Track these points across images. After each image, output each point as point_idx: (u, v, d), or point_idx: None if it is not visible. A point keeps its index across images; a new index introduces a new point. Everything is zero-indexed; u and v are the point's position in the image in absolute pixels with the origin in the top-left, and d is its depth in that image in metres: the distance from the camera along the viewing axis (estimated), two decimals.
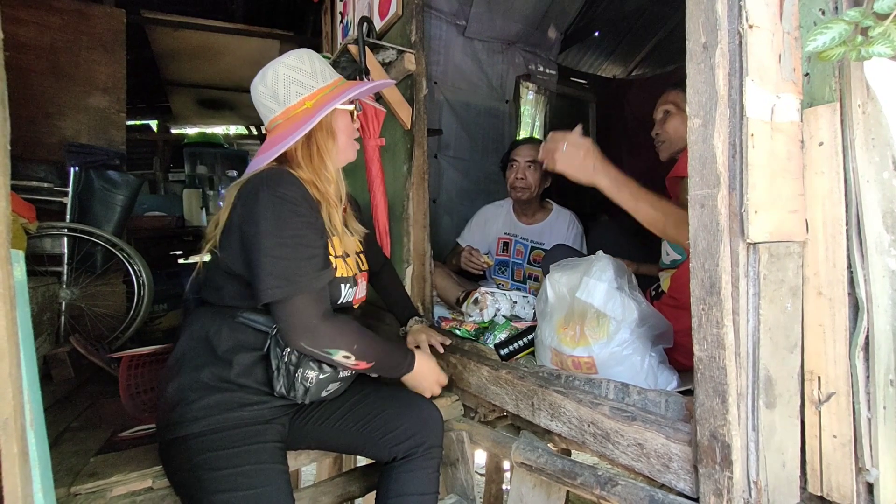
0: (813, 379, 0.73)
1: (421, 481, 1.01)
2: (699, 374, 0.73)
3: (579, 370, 1.08)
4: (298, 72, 0.96)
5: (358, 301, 1.08)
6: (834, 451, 0.70)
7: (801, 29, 0.74)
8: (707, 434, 0.72)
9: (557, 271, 1.18)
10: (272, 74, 0.96)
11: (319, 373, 0.93)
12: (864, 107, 0.72)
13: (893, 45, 0.61)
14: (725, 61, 0.69)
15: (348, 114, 1.03)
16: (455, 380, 1.35)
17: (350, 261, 1.05)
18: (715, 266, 0.70)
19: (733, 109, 0.70)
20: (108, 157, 2.38)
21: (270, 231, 0.86)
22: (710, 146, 0.70)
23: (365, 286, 1.12)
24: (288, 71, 0.96)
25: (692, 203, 0.74)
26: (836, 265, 0.71)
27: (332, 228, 0.97)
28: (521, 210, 2.01)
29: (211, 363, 0.90)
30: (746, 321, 0.70)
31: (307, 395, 0.93)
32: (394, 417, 1.04)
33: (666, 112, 1.40)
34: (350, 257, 1.05)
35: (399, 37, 1.69)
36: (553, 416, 1.03)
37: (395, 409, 1.06)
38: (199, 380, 0.89)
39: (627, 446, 0.86)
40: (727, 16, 0.69)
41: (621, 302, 1.05)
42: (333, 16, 2.54)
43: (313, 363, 0.92)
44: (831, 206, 0.71)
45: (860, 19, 0.62)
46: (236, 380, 0.90)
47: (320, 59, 1.01)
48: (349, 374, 1.01)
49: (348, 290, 1.02)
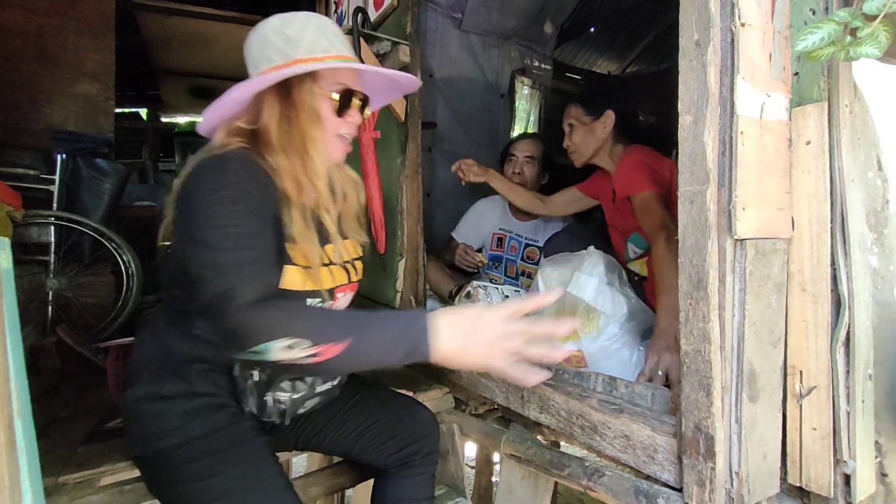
0: (795, 373, 0.75)
1: (418, 487, 0.99)
2: (685, 367, 0.75)
3: (569, 364, 1.09)
4: (279, 35, 0.82)
5: None
6: (813, 443, 0.72)
7: (791, 28, 0.75)
8: (692, 426, 0.74)
9: (549, 266, 1.19)
10: (255, 34, 0.85)
11: (293, 393, 0.84)
12: (851, 107, 0.73)
13: (881, 47, 0.62)
14: (717, 59, 0.70)
15: (330, 103, 0.85)
16: (446, 372, 1.36)
17: (335, 270, 0.88)
18: (703, 262, 0.71)
19: (724, 107, 0.70)
20: (95, 144, 2.34)
21: (201, 221, 0.71)
22: (701, 143, 0.71)
23: (350, 299, 0.95)
24: (268, 32, 0.83)
25: (682, 199, 0.75)
26: (820, 262, 0.72)
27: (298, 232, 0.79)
28: (516, 206, 2.02)
29: (171, 377, 0.82)
30: (732, 316, 0.71)
31: (285, 416, 0.86)
32: (390, 426, 0.99)
33: (570, 125, 1.55)
34: (335, 266, 0.88)
35: (394, 28, 1.68)
36: (542, 409, 1.04)
37: (390, 417, 1.00)
38: (161, 393, 0.81)
39: (614, 438, 0.87)
40: (720, 13, 0.69)
41: (611, 297, 1.07)
42: (327, 5, 2.51)
43: (287, 383, 0.83)
44: (817, 204, 0.72)
45: (849, 20, 0.63)
46: (202, 390, 0.82)
47: (322, 27, 0.85)
48: (330, 385, 0.91)
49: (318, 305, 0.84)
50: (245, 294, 0.66)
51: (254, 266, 0.70)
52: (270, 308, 0.67)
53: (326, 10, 2.53)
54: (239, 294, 0.66)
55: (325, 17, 0.90)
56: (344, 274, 0.90)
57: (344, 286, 0.89)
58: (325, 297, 0.83)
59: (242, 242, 0.71)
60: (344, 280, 0.89)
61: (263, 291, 0.69)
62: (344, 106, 0.86)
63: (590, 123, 1.50)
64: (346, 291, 0.91)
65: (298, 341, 0.64)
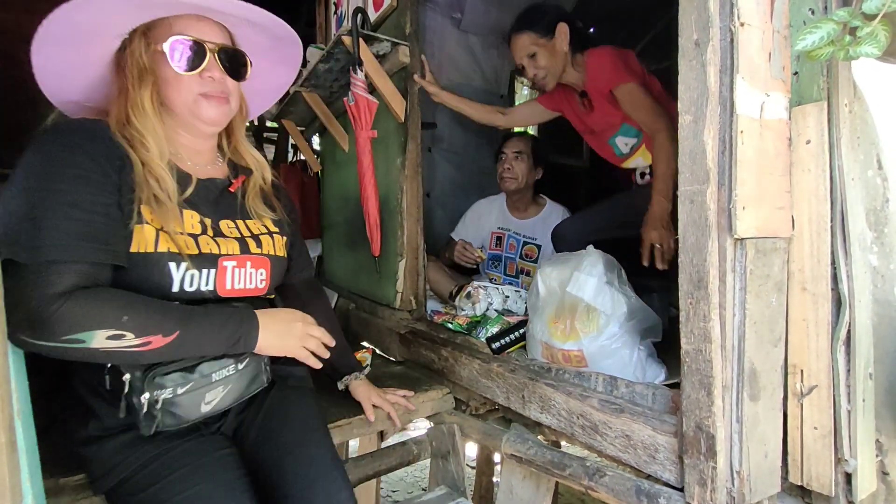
0: (796, 372, 0.75)
1: None
2: (686, 366, 0.75)
3: (570, 364, 1.09)
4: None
5: (236, 292, 0.82)
6: (814, 442, 0.72)
7: (790, 28, 0.75)
8: (693, 425, 0.74)
9: (548, 266, 1.19)
10: None
11: (176, 387, 0.72)
12: (850, 106, 0.73)
13: (880, 46, 0.62)
14: (717, 58, 0.70)
15: (166, 57, 0.76)
16: (446, 373, 1.36)
17: (219, 240, 0.82)
18: (703, 261, 0.71)
19: (723, 106, 0.70)
20: None
21: (22, 181, 0.66)
22: (701, 142, 0.71)
23: (263, 275, 0.87)
24: None
25: (682, 198, 0.75)
26: (820, 261, 0.72)
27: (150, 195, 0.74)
28: (514, 204, 2.02)
29: (84, 416, 0.77)
30: (733, 315, 0.72)
31: (178, 420, 0.73)
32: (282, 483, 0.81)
33: (531, 55, 1.55)
34: (215, 237, 0.81)
35: (393, 28, 1.68)
36: (543, 409, 1.04)
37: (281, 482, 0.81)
38: (88, 434, 0.77)
39: (615, 438, 0.87)
40: (719, 13, 0.69)
41: (611, 296, 1.07)
42: (327, 6, 2.51)
43: (162, 378, 0.71)
44: (817, 204, 0.72)
45: (848, 19, 0.63)
46: (111, 424, 0.75)
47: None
48: (229, 372, 0.78)
49: (190, 274, 0.76)
50: (64, 275, 0.64)
51: (76, 238, 0.66)
52: (96, 293, 0.66)
53: (326, 10, 2.53)
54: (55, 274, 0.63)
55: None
56: (235, 244, 0.84)
57: (233, 256, 0.82)
58: (201, 262, 0.77)
59: (60, 213, 0.65)
60: (234, 250, 0.83)
61: (88, 272, 0.66)
62: (190, 59, 0.77)
63: (547, 43, 1.51)
64: (246, 263, 0.84)
65: (123, 332, 0.66)
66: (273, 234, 0.92)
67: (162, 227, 0.75)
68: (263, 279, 0.87)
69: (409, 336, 1.57)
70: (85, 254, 0.66)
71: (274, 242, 0.91)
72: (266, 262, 0.88)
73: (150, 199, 0.74)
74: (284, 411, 0.90)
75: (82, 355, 0.66)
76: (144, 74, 0.77)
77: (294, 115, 2.47)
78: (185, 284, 0.76)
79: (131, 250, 0.72)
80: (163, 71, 0.77)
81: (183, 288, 0.76)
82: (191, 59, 0.78)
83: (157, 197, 0.74)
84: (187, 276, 0.76)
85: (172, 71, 0.77)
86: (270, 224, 0.93)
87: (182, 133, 0.85)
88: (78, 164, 0.69)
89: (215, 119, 0.83)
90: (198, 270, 0.77)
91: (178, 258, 0.75)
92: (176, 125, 0.83)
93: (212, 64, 0.80)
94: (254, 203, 0.91)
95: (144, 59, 0.77)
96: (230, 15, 0.81)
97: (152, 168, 0.75)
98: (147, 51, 0.77)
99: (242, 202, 0.90)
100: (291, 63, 0.98)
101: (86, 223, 0.67)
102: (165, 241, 0.74)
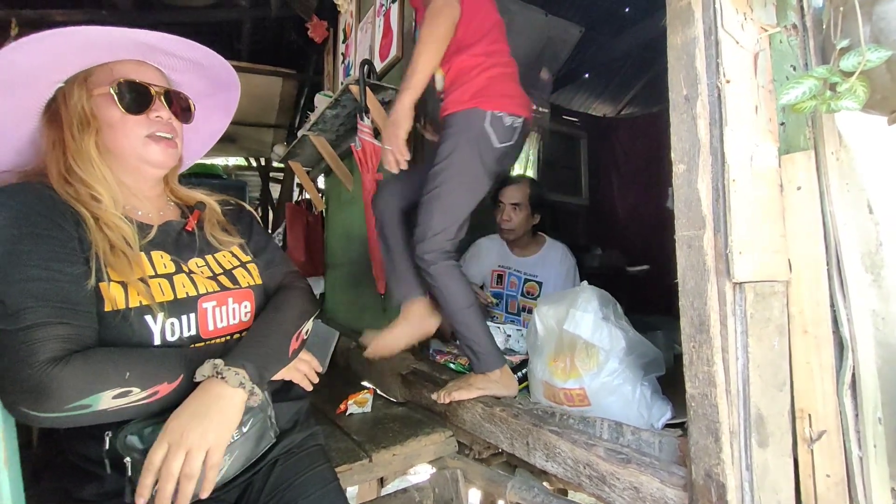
0: (804, 417, 0.74)
1: None
2: (692, 411, 0.74)
3: (572, 403, 1.08)
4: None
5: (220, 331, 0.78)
6: (828, 490, 0.70)
7: (774, 82, 0.79)
8: (702, 473, 0.72)
9: (544, 304, 1.19)
10: None
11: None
12: (837, 154, 0.77)
13: (860, 101, 0.66)
14: (706, 112, 0.74)
15: (110, 100, 0.75)
16: (449, 415, 1.34)
17: (177, 279, 0.76)
18: (703, 305, 0.72)
19: (715, 156, 0.74)
20: None
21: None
22: (695, 190, 0.74)
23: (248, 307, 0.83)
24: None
25: (679, 243, 0.77)
26: (819, 304, 0.73)
27: (107, 247, 0.70)
28: (514, 243, 2.05)
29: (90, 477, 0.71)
30: (736, 359, 0.72)
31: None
32: None
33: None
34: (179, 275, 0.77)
35: (398, 78, 1.76)
36: (548, 457, 1.02)
37: None
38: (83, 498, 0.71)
39: (623, 490, 0.85)
40: (706, 71, 0.74)
41: (608, 332, 1.07)
42: (335, 56, 2.65)
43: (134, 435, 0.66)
44: (812, 247, 0.74)
45: (828, 76, 0.67)
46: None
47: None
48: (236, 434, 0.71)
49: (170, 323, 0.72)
50: (50, 343, 0.61)
51: (52, 303, 0.63)
52: (88, 354, 0.63)
53: (334, 60, 2.67)
54: (38, 342, 0.60)
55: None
56: (213, 283, 0.80)
57: (213, 295, 0.79)
58: (167, 312, 0.72)
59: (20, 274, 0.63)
60: (213, 288, 0.79)
61: (71, 334, 0.63)
62: (137, 100, 0.76)
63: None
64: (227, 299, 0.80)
65: (131, 387, 0.64)
66: (246, 265, 0.88)
67: (127, 281, 0.70)
68: (248, 311, 0.84)
69: (411, 377, 1.55)
70: (62, 315, 0.64)
71: (249, 272, 0.87)
72: (249, 294, 0.85)
73: (106, 251, 0.70)
74: (301, 488, 0.82)
75: (91, 419, 0.63)
76: (86, 121, 0.74)
77: (301, 157, 2.55)
78: (167, 335, 0.72)
79: (105, 309, 0.69)
80: (107, 115, 0.75)
81: (165, 339, 0.72)
82: (138, 101, 0.77)
83: (115, 246, 0.71)
84: (167, 326, 0.72)
85: (118, 114, 0.75)
86: (239, 251, 0.89)
87: (128, 179, 0.81)
88: (34, 223, 0.66)
89: (163, 161, 0.81)
90: (177, 318, 0.73)
91: (152, 310, 0.71)
92: (121, 172, 0.80)
93: (158, 105, 0.79)
94: (214, 232, 0.87)
95: (86, 106, 0.75)
96: (176, 57, 0.81)
97: (106, 219, 0.72)
98: (89, 97, 0.75)
99: (202, 236, 0.86)
100: (227, 109, 0.96)
101: (54, 283, 0.64)
102: (135, 295, 0.70)
